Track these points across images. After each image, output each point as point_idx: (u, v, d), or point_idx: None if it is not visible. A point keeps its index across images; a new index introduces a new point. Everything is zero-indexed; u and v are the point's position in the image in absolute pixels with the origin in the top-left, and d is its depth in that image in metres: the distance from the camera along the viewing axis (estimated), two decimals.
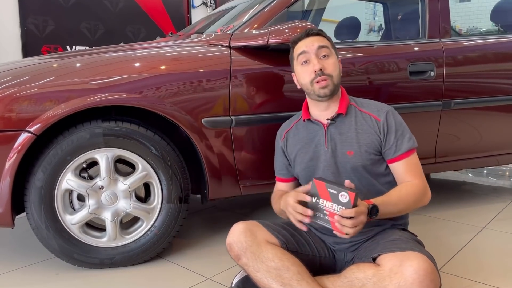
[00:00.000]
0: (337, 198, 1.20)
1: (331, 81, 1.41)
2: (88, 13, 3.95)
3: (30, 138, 1.53)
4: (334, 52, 1.47)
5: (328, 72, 1.41)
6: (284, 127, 1.62)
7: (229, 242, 1.38)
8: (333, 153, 1.44)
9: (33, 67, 1.69)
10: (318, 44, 1.43)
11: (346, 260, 1.45)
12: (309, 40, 1.46)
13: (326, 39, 1.48)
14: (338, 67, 1.47)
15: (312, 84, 1.42)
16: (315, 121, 1.49)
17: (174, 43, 1.93)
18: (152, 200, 1.75)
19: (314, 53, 1.43)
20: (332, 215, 1.21)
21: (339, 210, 1.19)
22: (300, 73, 1.47)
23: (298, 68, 1.48)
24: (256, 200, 2.70)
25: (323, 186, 1.23)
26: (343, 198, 1.19)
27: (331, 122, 1.46)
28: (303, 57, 1.44)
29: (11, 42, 3.53)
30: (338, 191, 1.20)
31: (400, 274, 1.13)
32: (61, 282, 1.65)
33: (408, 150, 1.41)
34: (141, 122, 1.70)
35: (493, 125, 2.35)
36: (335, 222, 1.19)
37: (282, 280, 1.27)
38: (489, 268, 1.71)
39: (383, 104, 1.49)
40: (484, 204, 2.56)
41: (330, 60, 1.44)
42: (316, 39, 1.45)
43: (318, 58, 1.42)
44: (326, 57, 1.43)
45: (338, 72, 1.45)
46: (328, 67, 1.42)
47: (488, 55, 2.30)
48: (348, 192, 1.19)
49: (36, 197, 1.60)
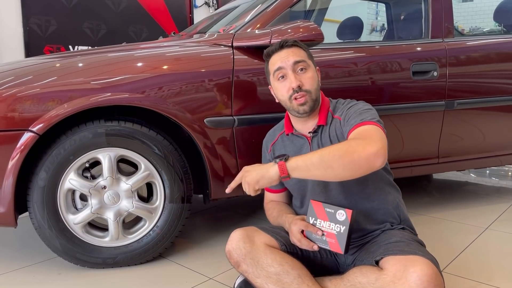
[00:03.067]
0: (334, 217, 1.25)
1: (310, 97, 1.38)
2: (91, 13, 3.96)
3: (33, 138, 1.53)
4: (311, 64, 1.44)
5: (306, 88, 1.38)
6: (269, 139, 1.60)
7: (228, 250, 1.37)
8: None
9: (35, 67, 1.69)
10: (293, 60, 1.39)
11: (347, 263, 1.44)
12: (284, 53, 1.41)
13: (302, 50, 1.44)
14: (317, 81, 1.43)
15: (291, 101, 1.40)
16: (299, 135, 1.48)
17: (177, 43, 1.93)
18: (154, 200, 1.75)
19: (290, 68, 1.39)
20: (330, 235, 1.26)
21: (336, 229, 1.24)
22: (278, 89, 1.44)
23: (275, 84, 1.45)
24: (258, 200, 2.69)
25: (320, 206, 1.29)
26: (341, 216, 1.25)
27: (313, 135, 1.44)
28: (279, 73, 1.41)
29: (13, 42, 3.54)
30: (335, 209, 1.26)
31: (404, 280, 1.12)
32: (64, 281, 1.65)
33: (360, 122, 1.29)
34: (143, 122, 1.70)
35: (496, 125, 2.34)
36: (332, 242, 1.25)
37: (283, 285, 1.27)
38: (492, 268, 1.71)
39: (351, 101, 1.45)
40: (487, 204, 2.55)
41: (308, 74, 1.40)
42: (292, 52, 1.41)
43: (295, 73, 1.39)
44: (304, 71, 1.40)
45: (316, 86, 1.42)
46: (306, 82, 1.39)
47: (491, 55, 2.29)
48: (346, 210, 1.24)
49: (39, 197, 1.60)
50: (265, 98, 1.81)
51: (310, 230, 1.30)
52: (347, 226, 1.24)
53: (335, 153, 1.16)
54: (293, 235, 1.34)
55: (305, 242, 1.30)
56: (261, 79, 1.80)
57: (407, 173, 2.19)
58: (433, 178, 3.28)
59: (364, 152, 1.15)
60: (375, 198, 1.42)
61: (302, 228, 1.32)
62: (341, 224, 1.24)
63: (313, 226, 1.30)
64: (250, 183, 1.25)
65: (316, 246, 1.29)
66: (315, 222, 1.29)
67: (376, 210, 1.42)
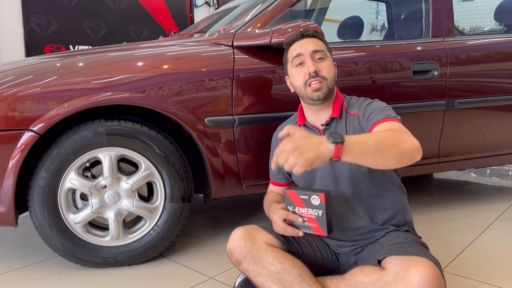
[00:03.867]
0: (310, 203, 1.25)
1: (325, 84, 1.38)
2: (91, 13, 3.96)
3: (34, 137, 1.53)
4: (329, 56, 1.45)
5: (323, 75, 1.39)
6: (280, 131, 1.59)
7: (229, 248, 1.37)
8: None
9: (36, 66, 1.69)
10: (313, 48, 1.41)
11: (349, 263, 1.44)
12: (304, 42, 1.43)
13: (322, 42, 1.45)
14: (334, 71, 1.44)
15: (306, 87, 1.39)
16: (311, 126, 1.47)
17: (177, 43, 1.93)
18: (155, 199, 1.75)
19: (309, 55, 1.40)
20: (310, 220, 1.27)
21: (315, 213, 1.25)
22: (294, 75, 1.44)
23: (292, 70, 1.46)
24: (259, 199, 2.69)
25: (295, 194, 1.29)
26: (315, 201, 1.25)
27: (326, 128, 1.43)
28: (298, 60, 1.42)
29: (14, 41, 3.54)
30: (309, 195, 1.26)
31: (406, 280, 1.11)
32: (64, 281, 1.65)
33: (386, 117, 1.30)
34: (144, 121, 1.70)
35: (496, 125, 2.34)
36: (314, 226, 1.26)
37: (284, 284, 1.27)
38: (493, 268, 1.71)
39: (367, 99, 1.46)
40: (488, 204, 2.55)
41: (326, 63, 1.41)
42: (311, 42, 1.42)
43: (313, 61, 1.40)
44: (321, 60, 1.41)
45: (333, 75, 1.42)
46: (323, 69, 1.39)
47: (492, 55, 2.29)
48: (318, 194, 1.24)
49: (40, 196, 1.60)
50: (266, 98, 1.81)
51: (291, 218, 1.31)
52: (323, 209, 1.24)
53: (386, 141, 1.13)
54: (276, 224, 1.35)
55: (289, 229, 1.31)
56: (261, 79, 1.80)
57: (407, 172, 2.19)
58: (434, 177, 3.28)
59: (410, 145, 1.15)
60: (382, 197, 1.42)
61: (283, 217, 1.32)
62: (317, 208, 1.25)
63: (293, 214, 1.30)
64: (304, 164, 1.02)
65: (301, 232, 1.30)
66: (294, 210, 1.30)
67: (382, 210, 1.42)
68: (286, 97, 1.84)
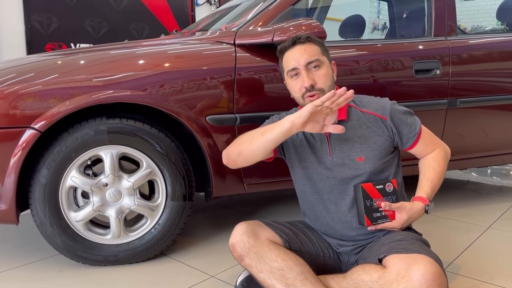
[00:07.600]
0: (385, 191, 1.37)
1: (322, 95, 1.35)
2: (92, 11, 3.96)
3: (35, 135, 1.53)
4: (326, 60, 1.42)
5: (319, 87, 1.37)
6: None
7: (232, 243, 1.36)
8: (338, 161, 1.40)
9: (37, 64, 1.69)
10: (306, 61, 1.37)
11: (350, 262, 1.44)
12: (297, 51, 1.40)
13: (316, 46, 1.42)
14: (331, 76, 1.42)
15: (304, 99, 1.39)
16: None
17: (179, 41, 1.93)
18: (156, 198, 1.75)
19: (303, 68, 1.38)
20: (387, 209, 1.36)
21: (390, 201, 1.36)
22: (291, 86, 1.43)
23: (288, 81, 1.45)
24: (260, 198, 2.70)
25: (371, 186, 1.37)
26: (389, 188, 1.37)
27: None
28: (293, 72, 1.41)
29: (15, 39, 3.54)
30: (384, 183, 1.37)
31: (408, 278, 1.12)
32: (65, 279, 1.65)
33: (420, 130, 1.46)
34: (145, 119, 1.70)
35: (498, 124, 2.34)
36: (390, 213, 1.36)
37: (286, 281, 1.26)
38: (495, 267, 1.71)
39: (383, 100, 1.45)
40: (489, 203, 2.54)
41: (321, 72, 1.38)
42: (304, 51, 1.39)
43: (308, 72, 1.38)
44: (317, 68, 1.38)
45: (330, 83, 1.40)
46: (319, 80, 1.37)
47: (494, 54, 2.29)
48: (391, 180, 1.39)
49: (41, 194, 1.60)
50: (268, 96, 1.81)
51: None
52: (396, 195, 1.38)
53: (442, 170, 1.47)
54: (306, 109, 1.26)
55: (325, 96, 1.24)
56: (263, 77, 1.79)
57: (409, 171, 2.18)
58: None
59: (448, 154, 1.54)
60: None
61: (314, 106, 1.25)
62: (391, 194, 1.37)
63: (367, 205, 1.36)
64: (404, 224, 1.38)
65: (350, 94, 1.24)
66: (372, 203, 1.36)
67: None
68: (288, 95, 1.83)
